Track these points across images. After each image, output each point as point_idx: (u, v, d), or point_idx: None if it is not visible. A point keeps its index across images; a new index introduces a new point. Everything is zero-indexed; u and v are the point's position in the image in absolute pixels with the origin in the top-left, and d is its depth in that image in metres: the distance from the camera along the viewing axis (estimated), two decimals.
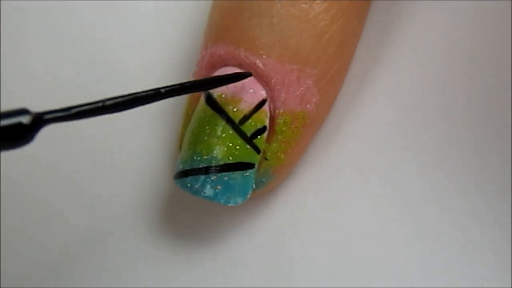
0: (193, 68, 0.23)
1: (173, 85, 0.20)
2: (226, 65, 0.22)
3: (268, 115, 0.22)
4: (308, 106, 0.22)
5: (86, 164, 0.25)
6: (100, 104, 0.19)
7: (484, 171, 0.23)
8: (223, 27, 0.23)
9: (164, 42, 0.26)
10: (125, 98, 0.19)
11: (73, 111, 0.18)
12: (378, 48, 0.25)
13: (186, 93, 0.21)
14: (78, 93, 0.25)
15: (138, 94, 0.19)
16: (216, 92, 0.22)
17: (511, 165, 0.23)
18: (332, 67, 0.22)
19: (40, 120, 0.18)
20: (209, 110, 0.22)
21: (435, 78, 0.24)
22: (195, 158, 0.22)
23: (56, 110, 0.18)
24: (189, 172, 0.22)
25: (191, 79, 0.23)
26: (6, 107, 0.25)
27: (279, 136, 0.22)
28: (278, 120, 0.22)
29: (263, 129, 0.22)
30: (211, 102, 0.22)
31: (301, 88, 0.22)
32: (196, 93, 0.23)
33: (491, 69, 0.24)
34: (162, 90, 0.20)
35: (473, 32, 0.25)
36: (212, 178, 0.22)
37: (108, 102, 0.19)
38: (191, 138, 0.22)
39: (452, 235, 0.23)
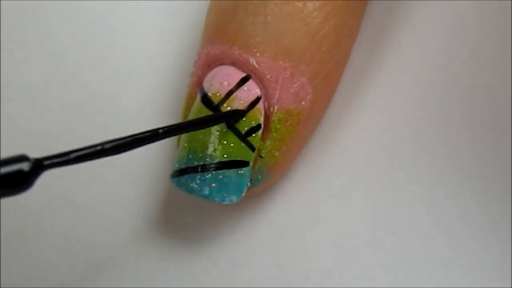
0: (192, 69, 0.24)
1: (174, 125, 0.21)
2: (221, 64, 0.22)
3: (263, 112, 0.22)
4: (303, 103, 0.22)
5: (85, 164, 0.25)
6: (99, 147, 0.19)
7: (482, 175, 0.23)
8: (219, 27, 0.23)
9: (164, 43, 0.26)
10: (124, 140, 0.19)
11: (72, 155, 0.19)
12: (376, 47, 0.25)
13: (187, 131, 0.22)
14: (77, 93, 0.26)
15: (137, 136, 0.20)
16: (211, 90, 0.22)
17: (511, 170, 0.23)
18: (327, 65, 0.22)
19: (40, 166, 0.18)
20: (204, 109, 0.22)
21: (433, 77, 0.24)
22: (190, 156, 0.22)
23: (55, 155, 0.18)
24: (185, 171, 0.22)
25: (189, 80, 0.23)
26: (6, 106, 0.26)
27: (274, 134, 0.22)
28: (273, 118, 0.22)
29: (258, 127, 0.22)
30: (207, 100, 0.22)
31: (295, 86, 0.22)
32: (193, 92, 0.23)
33: (491, 69, 0.24)
34: (160, 131, 0.20)
35: (473, 32, 0.25)
36: (207, 177, 0.22)
37: (107, 145, 0.19)
38: (187, 136, 0.22)
39: (452, 235, 0.23)
